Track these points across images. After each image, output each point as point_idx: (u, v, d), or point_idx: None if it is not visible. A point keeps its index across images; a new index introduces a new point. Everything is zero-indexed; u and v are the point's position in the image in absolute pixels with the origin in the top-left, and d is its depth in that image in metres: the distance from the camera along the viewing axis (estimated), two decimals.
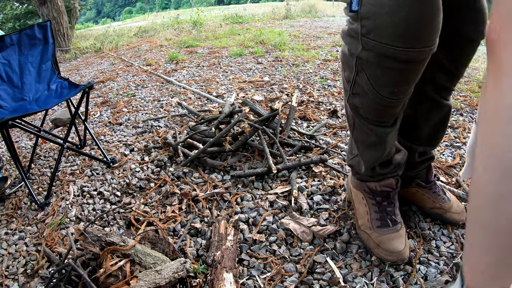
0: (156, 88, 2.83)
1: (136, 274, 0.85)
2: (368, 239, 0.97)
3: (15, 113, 1.48)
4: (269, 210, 1.18)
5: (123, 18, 29.12)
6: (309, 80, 2.66)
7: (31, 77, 1.70)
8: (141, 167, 1.58)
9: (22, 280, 1.04)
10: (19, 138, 2.21)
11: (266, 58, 3.49)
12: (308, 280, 0.91)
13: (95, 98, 2.76)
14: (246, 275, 0.95)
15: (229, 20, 7.66)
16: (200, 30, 6.13)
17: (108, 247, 0.91)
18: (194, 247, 1.07)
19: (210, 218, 1.19)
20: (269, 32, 5.02)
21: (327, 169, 1.40)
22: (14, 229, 1.27)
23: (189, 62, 3.68)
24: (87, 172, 1.59)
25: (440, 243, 0.99)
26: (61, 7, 5.95)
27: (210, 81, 2.87)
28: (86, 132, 1.72)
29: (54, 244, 1.15)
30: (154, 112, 2.28)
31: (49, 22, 1.73)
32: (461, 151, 1.48)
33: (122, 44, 5.80)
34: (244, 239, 1.07)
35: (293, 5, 8.69)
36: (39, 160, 1.81)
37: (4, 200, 1.47)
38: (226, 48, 4.24)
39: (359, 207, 1.03)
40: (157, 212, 1.26)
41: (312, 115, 1.96)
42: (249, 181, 1.36)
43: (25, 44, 1.68)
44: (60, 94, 1.65)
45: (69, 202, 1.39)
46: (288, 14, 7.95)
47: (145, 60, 4.05)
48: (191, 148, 1.63)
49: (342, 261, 0.96)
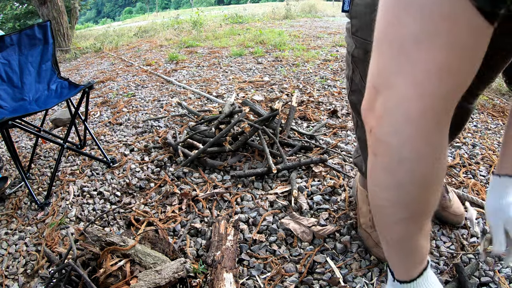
0: (156, 88, 2.83)
1: (136, 274, 0.85)
2: (368, 238, 0.97)
3: (15, 113, 1.48)
4: (269, 210, 1.18)
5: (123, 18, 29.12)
6: (309, 80, 2.66)
7: (31, 77, 1.70)
8: (141, 167, 1.58)
9: (22, 280, 1.04)
10: (19, 138, 2.21)
11: (266, 58, 3.49)
12: (308, 280, 0.91)
13: (95, 98, 2.76)
14: (246, 275, 0.95)
15: (229, 20, 7.66)
16: (200, 30, 6.13)
17: (108, 247, 0.91)
18: (194, 247, 1.07)
19: (210, 218, 1.19)
20: (269, 32, 5.02)
21: (327, 169, 1.40)
22: (14, 229, 1.27)
23: (189, 62, 3.68)
24: (87, 172, 1.59)
25: (440, 243, 0.99)
26: (61, 7, 5.95)
27: (210, 81, 2.87)
28: (86, 132, 1.72)
29: (54, 244, 1.15)
30: (154, 112, 2.28)
31: (49, 22, 1.73)
32: (461, 151, 1.48)
33: (122, 44, 5.80)
34: (244, 239, 1.07)
35: (293, 5, 8.69)
36: (39, 160, 1.81)
37: (4, 200, 1.47)
38: (226, 48, 4.24)
39: (362, 206, 1.04)
40: (157, 212, 1.26)
41: (312, 115, 1.96)
42: (249, 181, 1.36)
43: (25, 44, 1.68)
44: (60, 94, 1.65)
45: (69, 202, 1.39)
46: (288, 14, 7.95)
47: (145, 60, 4.05)
48: (191, 148, 1.63)
49: (342, 261, 0.96)
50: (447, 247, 0.98)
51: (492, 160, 1.39)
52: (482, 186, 1.24)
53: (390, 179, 0.44)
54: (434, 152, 0.42)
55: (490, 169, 1.34)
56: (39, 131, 1.72)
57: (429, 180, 0.44)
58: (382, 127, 0.42)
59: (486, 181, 1.27)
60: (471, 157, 1.43)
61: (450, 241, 1.00)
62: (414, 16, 0.36)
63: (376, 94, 0.42)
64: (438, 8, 0.35)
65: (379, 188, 0.48)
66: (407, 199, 0.45)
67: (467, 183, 1.24)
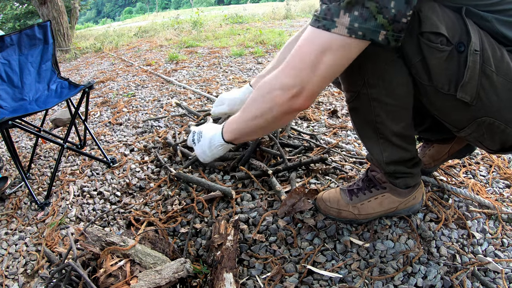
0: (156, 88, 2.83)
1: (136, 274, 0.85)
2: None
3: (15, 113, 1.48)
4: (269, 210, 1.18)
5: (123, 18, 29.14)
6: None
7: (31, 77, 1.70)
8: (141, 167, 1.58)
9: (22, 280, 1.04)
10: (19, 138, 2.21)
11: (266, 58, 3.49)
12: (308, 280, 0.91)
13: (95, 98, 2.76)
14: (246, 275, 0.95)
15: (229, 20, 7.66)
16: (200, 30, 6.14)
17: (108, 247, 0.91)
18: (194, 247, 1.07)
19: (210, 218, 1.19)
20: (269, 32, 5.02)
21: (327, 168, 1.40)
22: (14, 229, 1.27)
23: (189, 62, 3.68)
24: (87, 172, 1.59)
25: (440, 243, 0.99)
26: (61, 7, 5.95)
27: (210, 81, 2.87)
28: (86, 132, 1.72)
29: (54, 244, 1.15)
30: (154, 112, 2.28)
31: (49, 22, 1.73)
32: None
33: (122, 44, 5.80)
34: (244, 239, 1.07)
35: (293, 5, 8.70)
36: (39, 160, 1.81)
37: (4, 200, 1.47)
38: (226, 48, 4.24)
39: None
40: (157, 212, 1.26)
41: (312, 115, 1.96)
42: (249, 181, 1.36)
43: (25, 44, 1.68)
44: (60, 94, 1.65)
45: (69, 202, 1.39)
46: (288, 14, 7.95)
47: (145, 60, 4.05)
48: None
49: (342, 261, 0.96)
50: (447, 247, 0.98)
51: (492, 160, 1.39)
52: (482, 186, 1.24)
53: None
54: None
55: (490, 169, 1.34)
56: (39, 131, 1.72)
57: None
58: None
59: (486, 181, 1.27)
60: (471, 157, 1.43)
61: (450, 241, 1.00)
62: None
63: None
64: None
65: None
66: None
67: (467, 183, 1.24)
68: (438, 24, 0.68)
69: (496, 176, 1.30)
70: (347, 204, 1.04)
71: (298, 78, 0.68)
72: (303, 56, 0.67)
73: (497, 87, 0.72)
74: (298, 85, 0.69)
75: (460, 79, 0.71)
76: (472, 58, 0.69)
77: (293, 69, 0.69)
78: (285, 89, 0.70)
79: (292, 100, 0.71)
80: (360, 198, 1.03)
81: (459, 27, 0.70)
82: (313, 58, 0.66)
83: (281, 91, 0.71)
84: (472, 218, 1.08)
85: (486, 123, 0.77)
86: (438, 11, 0.69)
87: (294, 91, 0.69)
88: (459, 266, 0.91)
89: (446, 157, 1.20)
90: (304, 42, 0.68)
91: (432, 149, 1.20)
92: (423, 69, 0.74)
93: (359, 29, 0.61)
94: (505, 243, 0.99)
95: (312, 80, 0.68)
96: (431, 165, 1.22)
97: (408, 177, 0.97)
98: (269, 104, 0.74)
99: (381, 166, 0.96)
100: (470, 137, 0.83)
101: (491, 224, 1.06)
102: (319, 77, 0.68)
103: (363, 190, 1.04)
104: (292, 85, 0.69)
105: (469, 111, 0.76)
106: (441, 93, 0.75)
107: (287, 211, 1.10)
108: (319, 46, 0.65)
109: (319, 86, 0.70)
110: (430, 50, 0.70)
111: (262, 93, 0.76)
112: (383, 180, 1.02)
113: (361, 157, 1.45)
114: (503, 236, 1.01)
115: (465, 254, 0.95)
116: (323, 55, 0.65)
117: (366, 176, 1.06)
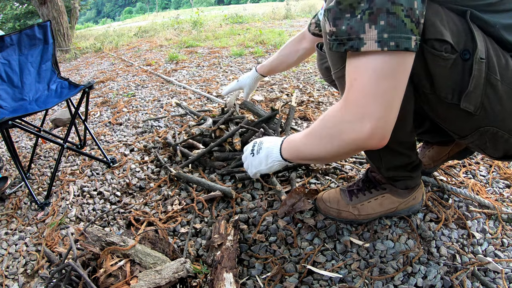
0: (156, 88, 2.83)
1: (136, 274, 0.85)
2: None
3: (15, 113, 1.48)
4: (269, 210, 1.18)
5: (123, 18, 29.14)
6: (309, 80, 2.66)
7: (31, 77, 1.70)
8: (141, 167, 1.58)
9: (22, 280, 1.04)
10: (19, 138, 2.21)
11: (266, 58, 3.49)
12: (308, 280, 0.91)
13: (95, 98, 2.76)
14: (246, 275, 0.95)
15: (229, 20, 7.66)
16: (200, 30, 6.14)
17: (108, 247, 0.91)
18: (194, 247, 1.07)
19: (210, 218, 1.19)
20: (269, 32, 5.02)
21: (326, 167, 1.40)
22: (14, 229, 1.27)
23: (189, 62, 3.68)
24: (87, 172, 1.59)
25: (440, 243, 0.99)
26: (61, 7, 5.95)
27: (210, 81, 2.87)
28: (86, 132, 1.72)
29: (54, 244, 1.15)
30: (154, 112, 2.28)
31: (49, 22, 1.73)
32: None
33: (122, 44, 5.79)
34: (244, 239, 1.07)
35: (293, 5, 8.70)
36: (39, 160, 1.81)
37: (4, 200, 1.47)
38: (226, 48, 4.24)
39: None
40: (157, 212, 1.26)
41: (312, 115, 1.96)
42: (249, 181, 1.36)
43: (25, 44, 1.68)
44: (60, 94, 1.65)
45: (69, 202, 1.39)
46: (288, 14, 7.95)
47: (145, 60, 4.05)
48: (191, 148, 1.62)
49: (342, 261, 0.96)
50: (447, 247, 0.98)
51: (492, 160, 1.39)
52: (482, 186, 1.24)
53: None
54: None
55: (490, 169, 1.34)
56: (39, 131, 1.72)
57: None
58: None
59: (486, 181, 1.27)
60: (471, 157, 1.43)
61: (450, 241, 1.00)
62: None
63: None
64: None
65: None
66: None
67: (467, 183, 1.24)
68: (442, 30, 0.63)
69: (496, 176, 1.30)
70: (347, 205, 1.04)
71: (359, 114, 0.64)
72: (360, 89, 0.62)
73: (502, 96, 0.68)
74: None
75: (464, 88, 0.67)
76: (477, 66, 0.65)
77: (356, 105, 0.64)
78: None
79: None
80: (360, 199, 1.03)
81: (464, 33, 0.65)
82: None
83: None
84: (472, 218, 1.08)
85: (490, 133, 0.74)
86: (442, 14, 0.64)
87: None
88: (459, 266, 0.91)
89: (445, 158, 1.19)
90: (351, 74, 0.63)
91: (432, 150, 1.20)
92: (425, 77, 0.70)
93: (390, 39, 0.55)
94: (505, 243, 0.99)
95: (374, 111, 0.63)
96: (431, 166, 1.22)
97: (408, 180, 0.97)
98: (345, 149, 0.69)
99: (380, 171, 0.96)
100: (472, 144, 0.81)
101: (491, 224, 1.06)
102: (381, 106, 0.62)
103: (363, 191, 1.04)
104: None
105: (472, 120, 0.73)
106: (444, 102, 0.71)
107: (287, 211, 1.10)
108: (355, 73, 0.61)
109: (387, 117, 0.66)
110: (433, 58, 0.66)
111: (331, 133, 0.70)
112: (383, 181, 1.02)
113: (361, 157, 1.45)
114: (503, 236, 1.01)
115: (465, 254, 0.95)
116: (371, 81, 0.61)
117: (366, 177, 1.06)
